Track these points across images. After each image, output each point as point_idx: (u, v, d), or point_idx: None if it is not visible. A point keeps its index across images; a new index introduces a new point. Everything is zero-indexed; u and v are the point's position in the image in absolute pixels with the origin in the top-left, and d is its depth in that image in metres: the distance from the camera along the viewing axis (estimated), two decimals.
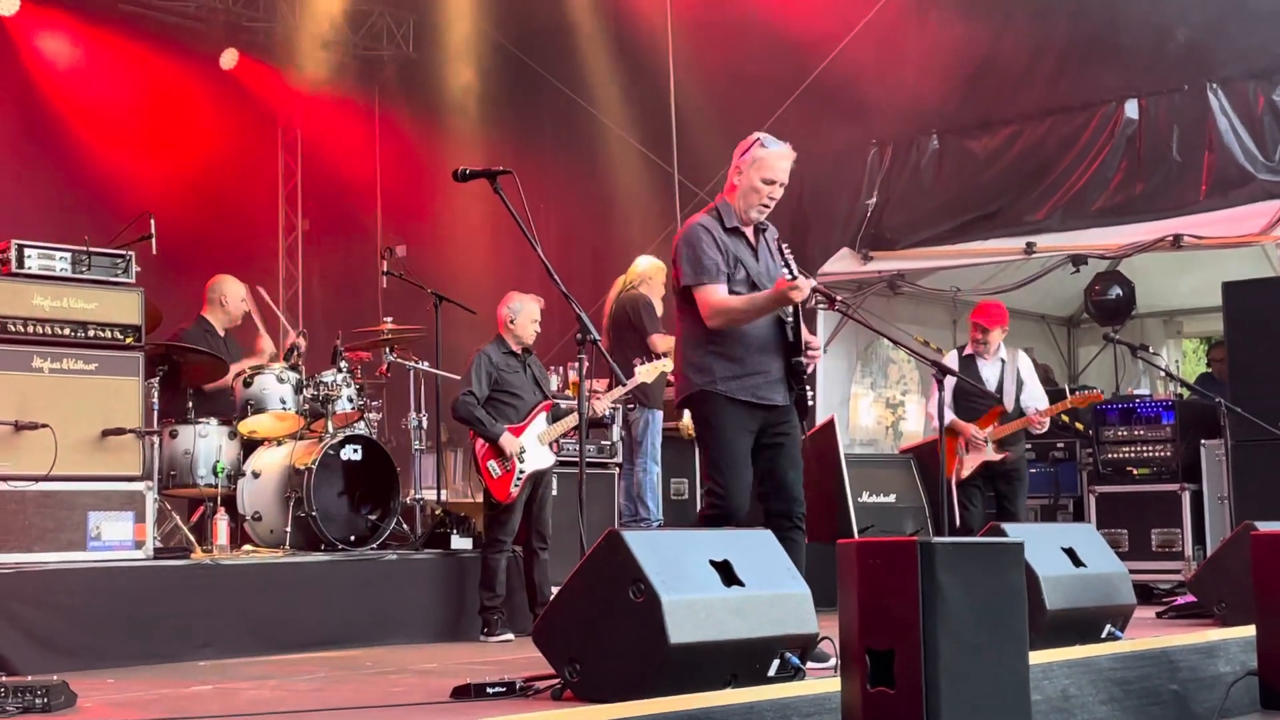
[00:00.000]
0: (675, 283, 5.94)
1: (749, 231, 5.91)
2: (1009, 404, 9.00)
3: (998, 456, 8.91)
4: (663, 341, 8.90)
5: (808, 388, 5.91)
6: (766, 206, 5.85)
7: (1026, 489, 9.28)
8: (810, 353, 5.85)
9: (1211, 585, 7.18)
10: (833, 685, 4.36)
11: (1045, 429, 9.13)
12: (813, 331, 6.10)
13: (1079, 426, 10.74)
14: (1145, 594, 9.14)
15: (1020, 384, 9.06)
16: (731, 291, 5.78)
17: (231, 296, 9.15)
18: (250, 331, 9.34)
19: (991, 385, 8.96)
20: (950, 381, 9.23)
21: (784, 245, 5.79)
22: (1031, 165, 10.46)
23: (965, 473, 8.99)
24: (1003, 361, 9.14)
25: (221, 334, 9.15)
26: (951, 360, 9.00)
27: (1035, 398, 9.10)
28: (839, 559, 4.18)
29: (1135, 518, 9.95)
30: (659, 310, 9.29)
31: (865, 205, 11.09)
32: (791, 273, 5.59)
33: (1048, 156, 10.38)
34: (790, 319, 5.81)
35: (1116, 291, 11.36)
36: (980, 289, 11.40)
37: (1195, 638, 6.13)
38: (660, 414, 9.44)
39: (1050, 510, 10.65)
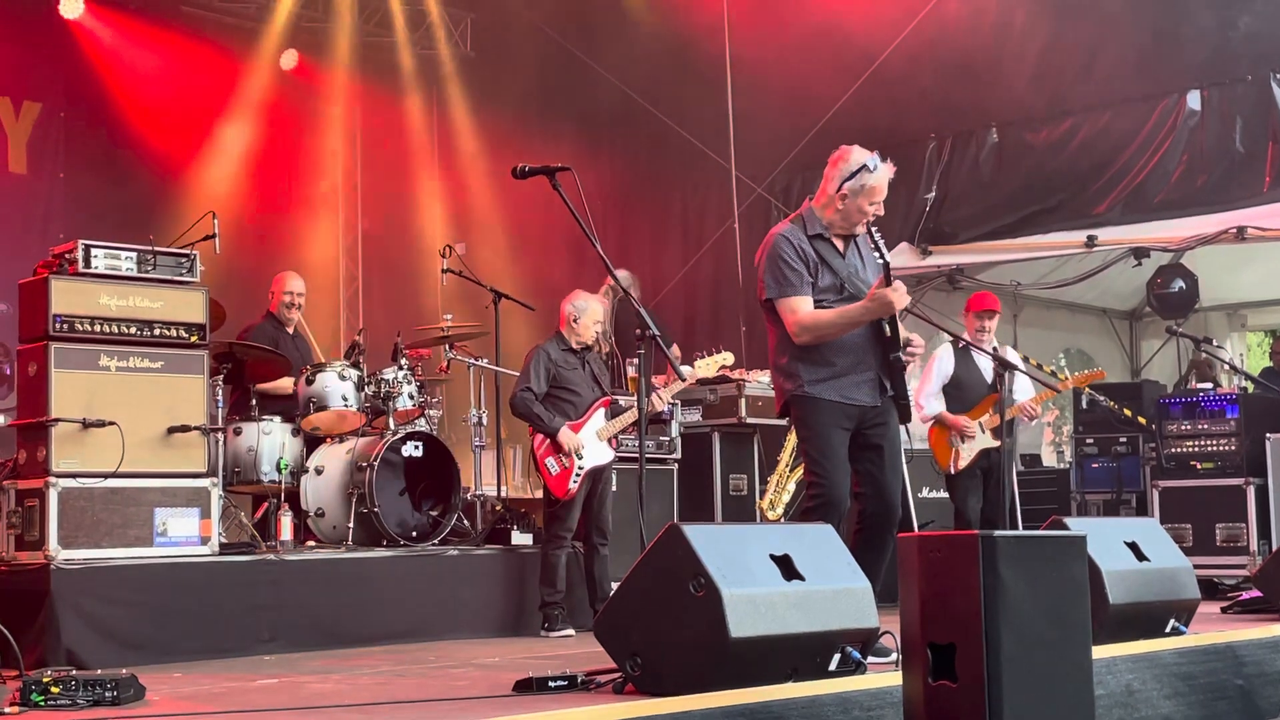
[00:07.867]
0: (760, 295, 5.88)
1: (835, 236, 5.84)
2: None
3: (995, 442, 8.62)
4: None
5: (908, 390, 5.83)
6: (870, 220, 5.77)
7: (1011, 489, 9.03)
8: (911, 350, 5.77)
9: (1277, 580, 7.11)
10: (894, 679, 4.36)
11: (1036, 416, 8.93)
12: None
13: (1142, 420, 10.65)
14: (1210, 589, 9.04)
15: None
16: (818, 297, 5.72)
17: (278, 291, 9.31)
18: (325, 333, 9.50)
19: (987, 376, 8.70)
20: (946, 371, 9.09)
21: (874, 229, 5.66)
22: (1092, 158, 10.35)
23: (962, 464, 8.83)
24: (994, 348, 9.02)
25: (291, 331, 9.27)
26: (948, 353, 8.91)
27: (1022, 389, 8.85)
28: (900, 553, 4.18)
29: (1199, 513, 9.84)
30: None
31: (924, 199, 11.02)
32: (888, 277, 5.52)
33: (1109, 149, 10.27)
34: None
35: (1179, 284, 11.23)
36: (1041, 283, 11.33)
37: (1260, 633, 6.08)
38: None
39: (1113, 505, 10.56)
